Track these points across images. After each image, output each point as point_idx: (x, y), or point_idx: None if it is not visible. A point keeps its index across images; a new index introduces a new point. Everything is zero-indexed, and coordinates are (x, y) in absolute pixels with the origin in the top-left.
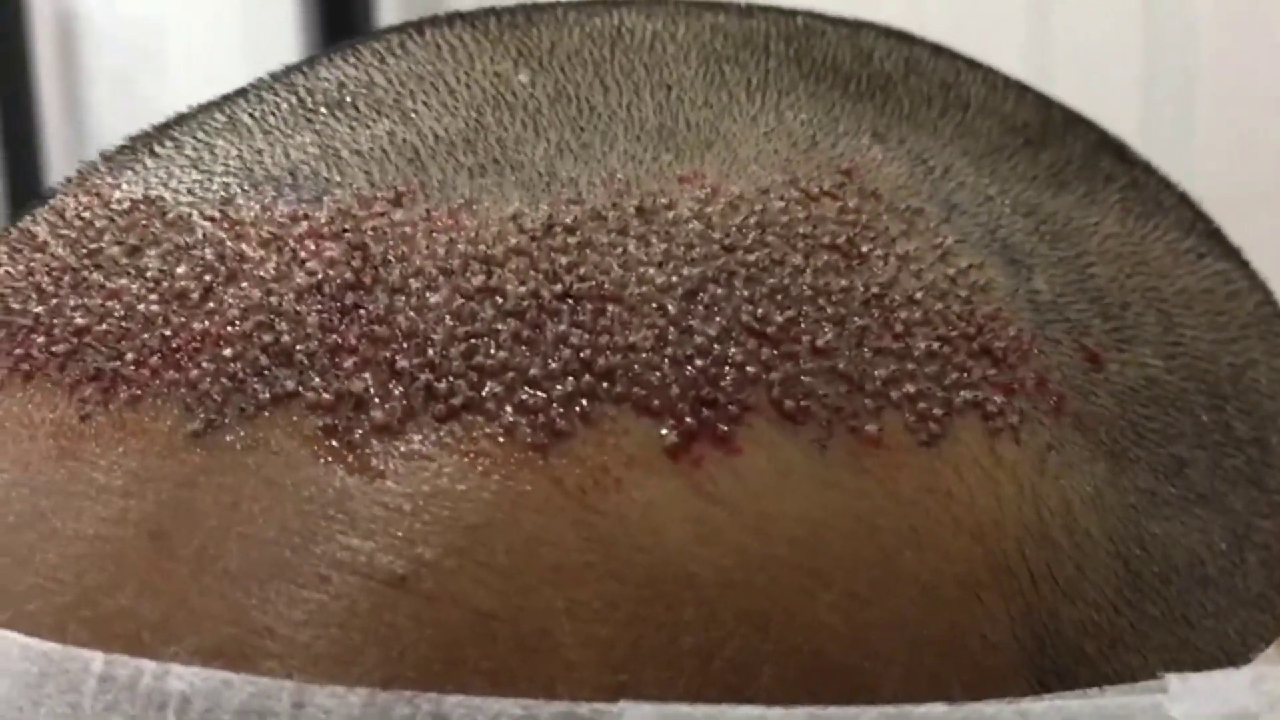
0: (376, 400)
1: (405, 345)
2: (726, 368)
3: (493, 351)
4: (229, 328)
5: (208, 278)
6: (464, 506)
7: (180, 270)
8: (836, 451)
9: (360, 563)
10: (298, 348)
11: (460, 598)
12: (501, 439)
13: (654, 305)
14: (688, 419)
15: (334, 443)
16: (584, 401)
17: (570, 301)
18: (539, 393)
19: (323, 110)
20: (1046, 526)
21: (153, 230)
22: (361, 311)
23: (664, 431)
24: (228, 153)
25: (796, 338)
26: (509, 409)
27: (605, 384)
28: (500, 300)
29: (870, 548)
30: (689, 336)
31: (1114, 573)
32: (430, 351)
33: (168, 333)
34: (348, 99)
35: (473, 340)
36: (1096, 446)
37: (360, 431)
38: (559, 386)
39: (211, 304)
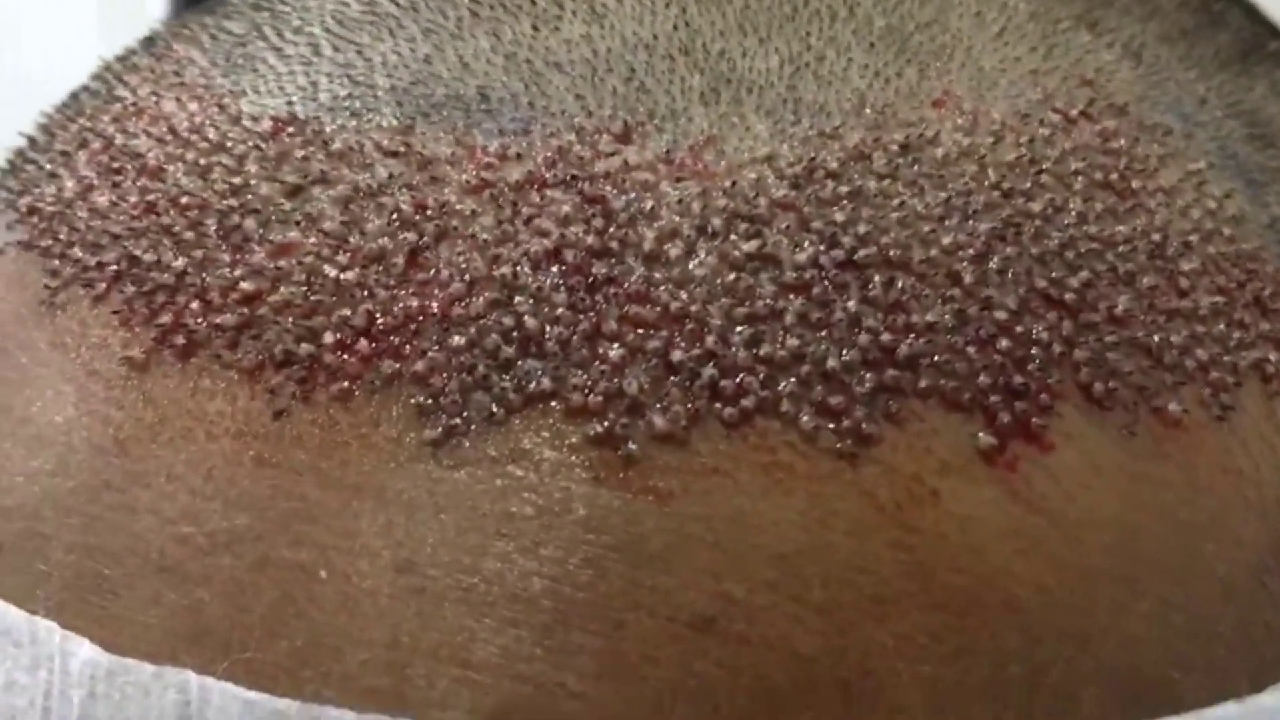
0: (657, 404)
1: (678, 331)
2: (1033, 348)
3: (780, 338)
4: (455, 306)
5: (409, 235)
6: (770, 532)
7: (370, 224)
8: (1143, 438)
9: (659, 604)
10: (547, 333)
11: (776, 640)
12: (803, 448)
13: (946, 273)
14: (1001, 414)
15: (609, 455)
16: (889, 399)
17: (856, 271)
18: (840, 389)
19: None
20: None
21: (316, 164)
22: (615, 287)
23: (978, 431)
24: (385, 58)
25: (1094, 304)
26: (808, 411)
27: (910, 375)
28: (777, 272)
29: (1176, 546)
30: (989, 311)
31: None
32: (709, 339)
33: (371, 308)
34: None
35: (757, 324)
36: None
37: (637, 442)
38: (861, 381)
39: (423, 273)
